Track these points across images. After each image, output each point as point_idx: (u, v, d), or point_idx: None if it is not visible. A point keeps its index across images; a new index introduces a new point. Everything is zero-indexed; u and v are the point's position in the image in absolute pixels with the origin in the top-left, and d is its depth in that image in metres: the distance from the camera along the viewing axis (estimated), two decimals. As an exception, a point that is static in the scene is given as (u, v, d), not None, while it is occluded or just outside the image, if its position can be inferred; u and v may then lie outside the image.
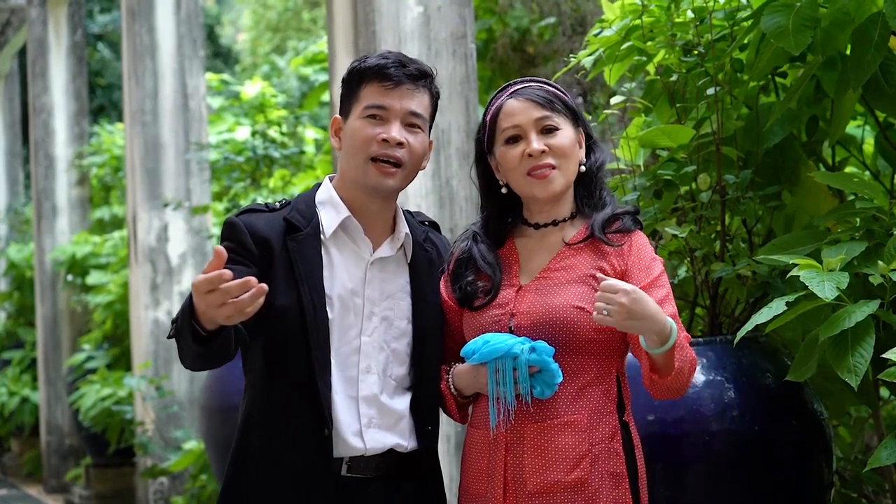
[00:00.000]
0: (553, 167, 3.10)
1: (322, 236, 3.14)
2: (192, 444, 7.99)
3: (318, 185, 3.24)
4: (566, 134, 3.12)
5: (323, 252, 3.13)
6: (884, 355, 3.24)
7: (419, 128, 3.14)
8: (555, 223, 3.18)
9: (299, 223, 3.13)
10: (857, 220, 3.78)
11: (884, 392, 4.28)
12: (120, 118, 15.83)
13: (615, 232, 3.13)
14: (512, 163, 3.13)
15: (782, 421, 3.67)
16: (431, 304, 3.22)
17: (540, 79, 3.22)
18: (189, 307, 2.89)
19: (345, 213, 3.15)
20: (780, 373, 3.69)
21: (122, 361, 10.22)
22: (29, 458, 12.69)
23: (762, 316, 3.47)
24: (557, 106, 3.13)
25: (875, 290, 3.53)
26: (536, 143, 3.10)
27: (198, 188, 8.85)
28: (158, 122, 8.75)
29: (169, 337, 3.01)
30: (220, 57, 19.77)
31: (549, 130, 3.11)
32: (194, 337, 2.90)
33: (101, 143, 11.86)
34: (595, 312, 2.92)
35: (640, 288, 2.98)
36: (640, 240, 3.13)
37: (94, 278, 10.62)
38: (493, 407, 3.06)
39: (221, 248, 2.80)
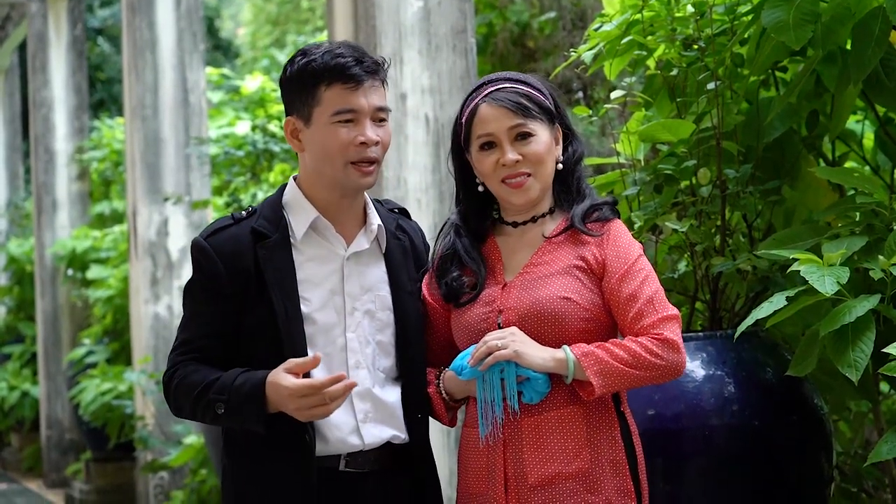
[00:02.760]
0: (528, 174, 3.10)
1: (292, 240, 3.11)
2: (192, 439, 7.99)
3: (282, 188, 3.20)
4: (540, 139, 3.11)
5: (295, 255, 3.11)
6: (884, 350, 3.24)
7: (385, 119, 3.12)
8: (534, 220, 3.18)
9: (267, 230, 3.10)
10: (857, 214, 3.78)
11: (884, 387, 4.28)
12: (120, 113, 15.83)
13: (594, 221, 3.13)
14: (487, 169, 3.13)
15: (782, 416, 3.67)
16: (409, 293, 3.21)
17: (515, 76, 3.18)
18: (260, 396, 2.96)
19: (313, 213, 3.12)
20: (780, 367, 3.69)
21: (122, 356, 10.22)
22: (29, 452, 12.69)
23: (763, 311, 3.47)
24: (532, 111, 3.10)
25: (875, 285, 3.53)
26: (510, 154, 3.09)
27: (198, 183, 8.84)
28: (158, 117, 8.74)
29: (217, 412, 3.02)
30: (220, 50, 19.76)
31: (522, 137, 3.10)
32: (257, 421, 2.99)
33: (101, 137, 11.86)
34: (491, 357, 3.00)
35: (617, 276, 3.05)
36: (618, 228, 3.13)
37: (94, 273, 10.62)
38: (482, 416, 3.07)
39: (319, 355, 2.94)
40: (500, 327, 3.08)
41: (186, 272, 8.75)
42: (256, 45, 18.99)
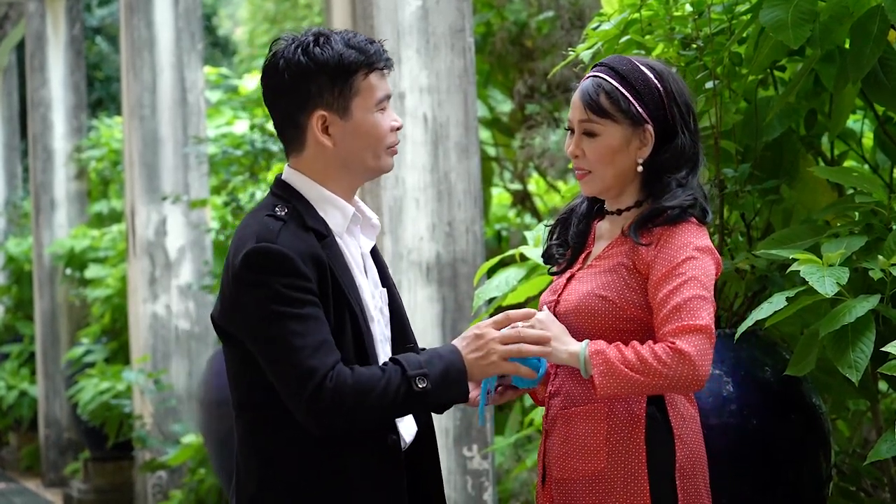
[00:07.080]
0: (588, 171, 3.08)
1: (338, 239, 2.98)
2: (191, 438, 8.00)
3: (283, 184, 3.01)
4: (604, 141, 3.05)
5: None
6: (883, 349, 3.24)
7: None
8: (618, 212, 3.13)
9: (323, 230, 2.95)
10: (857, 214, 3.78)
11: (882, 386, 4.28)
12: (118, 112, 15.82)
13: (661, 225, 3.02)
14: (566, 152, 3.14)
15: (781, 415, 3.67)
16: (394, 285, 3.16)
17: (617, 66, 3.08)
18: (459, 357, 2.89)
19: (350, 209, 2.99)
20: (778, 367, 3.69)
21: (120, 355, 10.22)
22: (27, 451, 12.69)
23: (762, 311, 3.46)
24: (605, 109, 3.04)
25: (875, 285, 3.53)
26: (572, 146, 3.09)
27: (196, 182, 8.84)
28: (157, 116, 8.74)
29: (419, 387, 2.85)
30: (218, 48, 19.76)
31: (587, 134, 3.07)
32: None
33: (99, 136, 11.84)
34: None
35: (657, 278, 2.97)
36: (677, 230, 3.02)
37: (92, 272, 10.61)
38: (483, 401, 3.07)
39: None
40: (556, 317, 3.06)
41: (185, 271, 8.74)
42: (254, 43, 18.99)
